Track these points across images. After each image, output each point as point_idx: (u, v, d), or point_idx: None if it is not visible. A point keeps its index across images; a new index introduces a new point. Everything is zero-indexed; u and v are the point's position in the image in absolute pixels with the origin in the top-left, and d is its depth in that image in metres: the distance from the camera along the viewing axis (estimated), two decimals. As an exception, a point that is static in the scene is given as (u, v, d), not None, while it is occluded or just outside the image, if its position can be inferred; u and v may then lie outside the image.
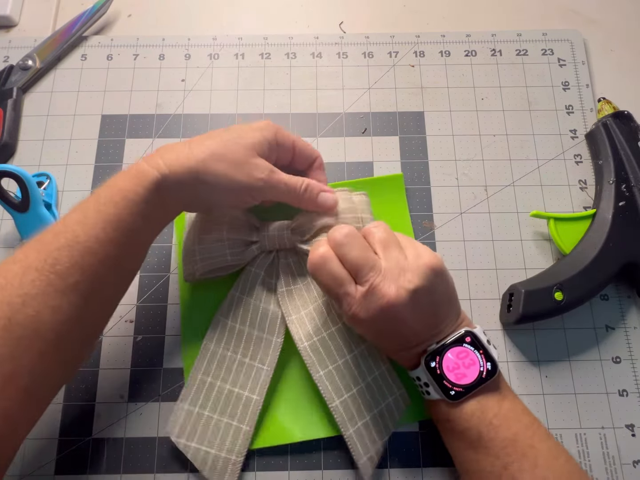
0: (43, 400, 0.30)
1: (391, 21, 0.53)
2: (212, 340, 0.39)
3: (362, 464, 0.35)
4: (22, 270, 0.28)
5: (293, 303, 0.39)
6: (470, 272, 0.43)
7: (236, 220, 0.39)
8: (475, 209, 0.45)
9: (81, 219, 0.31)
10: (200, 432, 0.37)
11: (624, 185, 0.42)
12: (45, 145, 0.47)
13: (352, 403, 0.36)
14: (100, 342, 0.41)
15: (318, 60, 0.50)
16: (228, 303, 0.39)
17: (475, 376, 0.33)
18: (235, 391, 0.38)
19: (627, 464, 0.38)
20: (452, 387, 0.33)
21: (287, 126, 0.47)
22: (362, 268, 0.32)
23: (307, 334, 0.38)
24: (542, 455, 0.31)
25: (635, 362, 0.40)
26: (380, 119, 0.48)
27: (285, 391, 0.39)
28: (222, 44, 0.51)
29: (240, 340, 0.39)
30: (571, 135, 0.47)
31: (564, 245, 0.41)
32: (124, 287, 0.35)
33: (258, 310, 0.39)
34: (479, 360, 0.33)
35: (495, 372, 0.33)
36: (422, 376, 0.34)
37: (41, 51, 0.49)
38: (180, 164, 0.33)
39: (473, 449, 0.32)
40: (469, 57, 0.50)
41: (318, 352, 0.37)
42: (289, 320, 0.38)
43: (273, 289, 0.40)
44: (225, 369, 0.38)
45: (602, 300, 0.42)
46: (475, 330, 0.34)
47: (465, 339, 0.34)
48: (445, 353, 0.33)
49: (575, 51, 0.50)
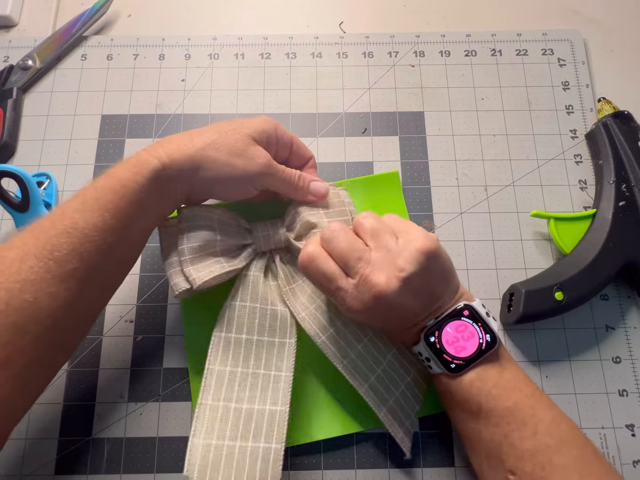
0: (36, 386, 0.30)
1: (391, 21, 0.53)
2: (216, 361, 0.35)
3: (400, 438, 0.36)
4: (20, 257, 0.28)
5: (299, 300, 0.38)
6: (470, 272, 0.43)
7: (226, 226, 0.37)
8: (475, 209, 0.45)
9: (80, 206, 0.31)
10: (224, 467, 0.31)
11: (624, 185, 0.42)
12: (45, 145, 0.47)
13: (380, 384, 0.36)
14: (100, 342, 0.41)
15: (318, 60, 0.50)
16: (227, 315, 0.36)
17: (475, 348, 0.33)
18: (255, 408, 0.34)
19: (627, 464, 0.38)
20: (452, 360, 0.33)
21: (287, 126, 0.47)
22: (350, 260, 0.33)
23: (323, 327, 0.36)
24: (543, 423, 0.31)
25: (635, 362, 0.40)
26: (380, 119, 0.48)
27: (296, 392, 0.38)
28: (222, 44, 0.51)
29: (249, 352, 0.35)
30: (571, 135, 0.47)
31: (564, 245, 0.41)
32: (120, 275, 0.35)
33: (265, 313, 0.36)
34: (478, 333, 0.33)
35: (494, 343, 0.33)
36: (423, 351, 0.34)
37: (41, 51, 0.49)
38: (180, 152, 0.34)
39: (474, 419, 0.33)
40: (469, 57, 0.50)
41: (337, 343, 0.36)
42: (299, 318, 0.37)
43: (276, 289, 0.38)
44: (238, 388, 0.34)
45: (602, 300, 0.42)
46: (474, 303, 0.34)
47: (463, 312, 0.34)
48: (444, 327, 0.34)
49: (575, 51, 0.50)
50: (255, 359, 0.35)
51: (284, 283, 0.38)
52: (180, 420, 0.39)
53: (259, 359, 0.35)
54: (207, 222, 0.36)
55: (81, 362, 0.40)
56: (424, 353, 0.34)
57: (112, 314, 0.41)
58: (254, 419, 0.33)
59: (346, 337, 0.36)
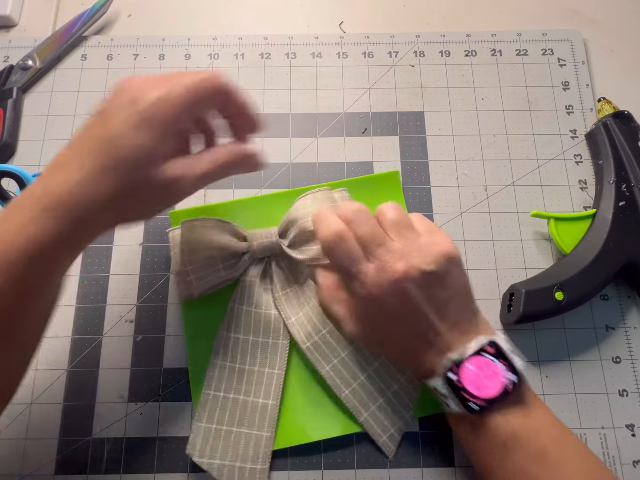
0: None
1: (391, 21, 0.53)
2: (218, 356, 0.38)
3: (382, 442, 0.37)
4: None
5: (290, 306, 0.39)
6: (470, 272, 0.43)
7: (223, 236, 0.38)
8: (475, 209, 0.45)
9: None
10: (221, 448, 0.36)
11: (624, 185, 0.42)
12: (45, 145, 0.47)
13: (362, 390, 0.37)
14: (100, 342, 0.41)
15: (318, 60, 0.50)
16: (229, 316, 0.39)
17: (498, 388, 0.30)
18: (250, 400, 0.38)
19: (627, 464, 0.38)
20: (473, 399, 0.30)
21: (287, 126, 0.47)
22: (370, 244, 0.32)
23: (308, 334, 0.38)
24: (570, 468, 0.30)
25: (635, 362, 0.40)
26: (380, 119, 0.48)
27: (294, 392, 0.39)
28: (222, 44, 0.51)
29: (247, 350, 0.39)
30: (571, 135, 0.47)
31: (564, 245, 0.41)
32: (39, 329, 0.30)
33: (260, 317, 0.39)
34: (502, 371, 0.31)
35: (520, 383, 0.31)
36: (439, 387, 0.32)
37: (41, 51, 0.49)
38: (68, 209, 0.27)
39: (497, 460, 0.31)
40: (469, 57, 0.50)
41: (321, 350, 0.38)
42: (289, 323, 0.39)
43: (270, 294, 0.40)
44: (236, 382, 0.38)
45: (602, 300, 0.42)
46: (499, 340, 0.32)
47: (487, 349, 0.31)
48: (465, 363, 0.31)
49: (575, 51, 0.50)
50: (251, 356, 0.39)
51: (277, 289, 0.40)
52: (180, 420, 0.39)
53: (255, 357, 0.39)
54: (205, 236, 0.38)
55: (81, 362, 0.40)
56: (441, 389, 0.32)
57: (112, 314, 0.41)
58: (249, 410, 0.37)
59: (330, 345, 0.38)
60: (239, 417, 0.37)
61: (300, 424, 0.38)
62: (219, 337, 0.39)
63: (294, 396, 0.39)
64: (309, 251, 0.38)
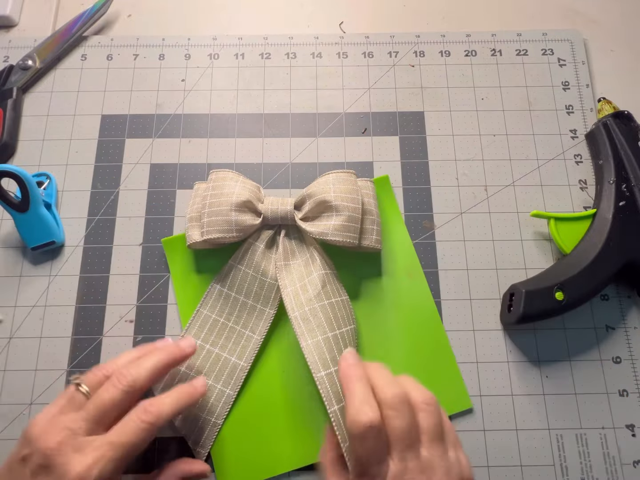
0: None
1: (391, 21, 0.53)
2: (207, 306, 0.40)
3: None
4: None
5: (290, 276, 0.39)
6: (470, 272, 0.43)
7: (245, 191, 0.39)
8: (475, 209, 0.45)
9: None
10: None
11: (624, 185, 0.42)
12: (45, 145, 0.47)
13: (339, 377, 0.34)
14: (100, 342, 0.41)
15: (318, 60, 0.50)
16: (226, 272, 0.40)
17: None
18: (224, 356, 0.39)
19: (627, 464, 0.38)
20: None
21: (287, 126, 0.47)
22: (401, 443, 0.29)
23: (300, 303, 0.37)
24: None
25: (635, 362, 0.40)
26: (380, 119, 0.48)
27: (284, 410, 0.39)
28: (222, 44, 0.51)
29: (234, 308, 0.40)
30: (571, 135, 0.47)
31: (565, 245, 0.41)
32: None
33: (255, 281, 0.40)
34: None
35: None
36: None
37: (41, 51, 0.49)
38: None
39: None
40: (469, 57, 0.50)
41: (308, 322, 0.36)
42: (284, 292, 0.38)
43: (271, 263, 0.40)
44: (216, 334, 0.40)
45: (602, 300, 0.42)
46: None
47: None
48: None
49: (575, 51, 0.50)
50: (237, 315, 0.40)
51: (281, 258, 0.40)
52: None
53: (240, 317, 0.40)
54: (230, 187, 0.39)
55: (81, 362, 0.40)
56: None
57: (112, 314, 0.41)
58: (220, 364, 0.39)
59: (319, 320, 0.36)
60: (209, 368, 0.39)
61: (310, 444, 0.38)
62: (212, 288, 0.40)
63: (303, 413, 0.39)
64: (319, 226, 0.38)
